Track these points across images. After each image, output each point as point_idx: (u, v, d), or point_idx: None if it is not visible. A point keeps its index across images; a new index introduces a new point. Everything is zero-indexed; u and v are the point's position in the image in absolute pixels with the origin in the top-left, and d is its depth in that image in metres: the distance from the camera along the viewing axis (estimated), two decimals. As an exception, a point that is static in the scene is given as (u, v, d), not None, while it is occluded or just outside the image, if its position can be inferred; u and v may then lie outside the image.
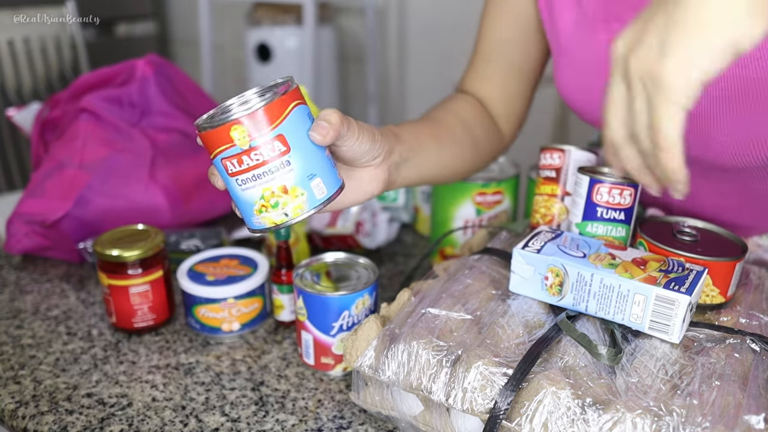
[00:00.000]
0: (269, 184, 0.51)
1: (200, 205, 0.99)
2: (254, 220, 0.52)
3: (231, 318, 0.73)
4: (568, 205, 0.70)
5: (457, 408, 0.51)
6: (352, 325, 0.66)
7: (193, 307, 0.73)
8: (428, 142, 0.68)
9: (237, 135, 0.49)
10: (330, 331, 0.66)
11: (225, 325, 0.73)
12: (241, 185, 0.51)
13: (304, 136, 0.51)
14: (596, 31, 0.69)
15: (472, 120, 0.76)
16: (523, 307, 0.59)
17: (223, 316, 0.73)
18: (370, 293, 0.67)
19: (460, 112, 0.75)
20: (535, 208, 0.72)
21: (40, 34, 1.84)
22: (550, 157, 0.72)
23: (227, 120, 0.49)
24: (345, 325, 0.66)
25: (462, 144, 0.73)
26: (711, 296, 0.60)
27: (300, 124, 0.51)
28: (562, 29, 0.72)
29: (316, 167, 0.52)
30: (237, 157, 0.50)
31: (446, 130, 0.71)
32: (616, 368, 0.51)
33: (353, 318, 0.66)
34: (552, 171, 0.71)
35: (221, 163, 0.51)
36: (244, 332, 0.75)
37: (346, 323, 0.65)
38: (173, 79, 1.02)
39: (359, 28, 2.58)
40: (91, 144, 0.91)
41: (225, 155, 0.50)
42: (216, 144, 0.50)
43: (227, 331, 0.74)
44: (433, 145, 0.68)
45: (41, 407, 0.63)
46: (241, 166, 0.50)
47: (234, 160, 0.50)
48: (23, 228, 0.89)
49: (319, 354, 0.67)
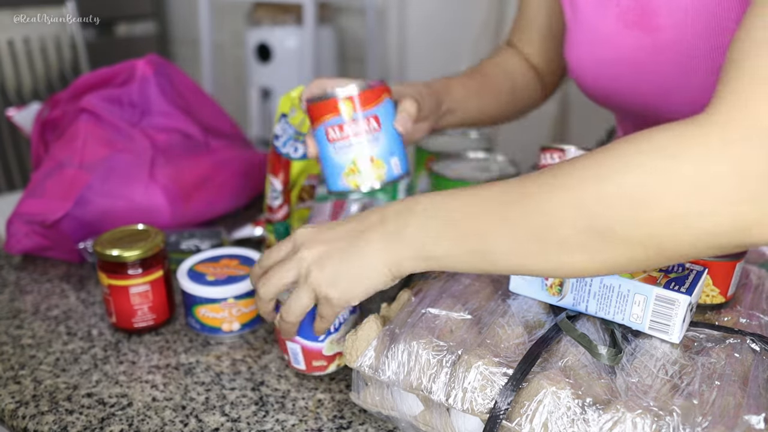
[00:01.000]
0: (361, 152, 0.65)
1: (200, 205, 0.99)
2: (340, 182, 0.66)
3: (231, 318, 0.73)
4: None
5: (457, 408, 0.51)
6: (339, 325, 0.64)
7: (193, 307, 0.73)
8: (473, 96, 0.81)
9: (344, 107, 0.63)
10: (318, 338, 0.64)
11: (225, 325, 0.73)
12: (337, 150, 0.65)
13: (390, 121, 0.66)
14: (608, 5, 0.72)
15: (514, 70, 0.88)
16: (523, 307, 0.59)
17: (224, 316, 0.73)
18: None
19: (504, 64, 0.88)
20: None
21: (40, 34, 1.84)
22: (550, 157, 0.72)
23: (338, 95, 0.63)
24: (332, 327, 0.64)
25: (501, 92, 0.85)
26: (711, 296, 0.60)
27: (389, 110, 0.66)
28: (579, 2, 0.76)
29: (396, 148, 0.67)
30: (339, 126, 0.64)
31: (491, 84, 0.84)
32: (616, 368, 0.51)
33: (339, 318, 0.64)
34: None
35: (324, 130, 0.65)
36: (245, 332, 0.75)
37: (333, 326, 0.64)
38: (173, 79, 1.02)
39: (359, 28, 2.58)
40: (91, 144, 0.91)
41: (330, 123, 0.64)
42: (324, 113, 0.64)
43: (227, 331, 0.74)
44: (476, 98, 0.82)
45: (41, 407, 0.63)
46: (342, 133, 0.64)
47: (336, 128, 0.64)
48: (23, 228, 0.89)
49: (309, 359, 0.65)
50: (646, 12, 0.68)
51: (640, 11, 0.68)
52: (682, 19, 0.65)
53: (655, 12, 0.67)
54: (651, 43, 0.68)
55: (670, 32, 0.66)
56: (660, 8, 0.66)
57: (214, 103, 1.10)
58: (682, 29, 0.65)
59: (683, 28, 0.65)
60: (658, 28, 0.67)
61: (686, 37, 0.65)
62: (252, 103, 2.43)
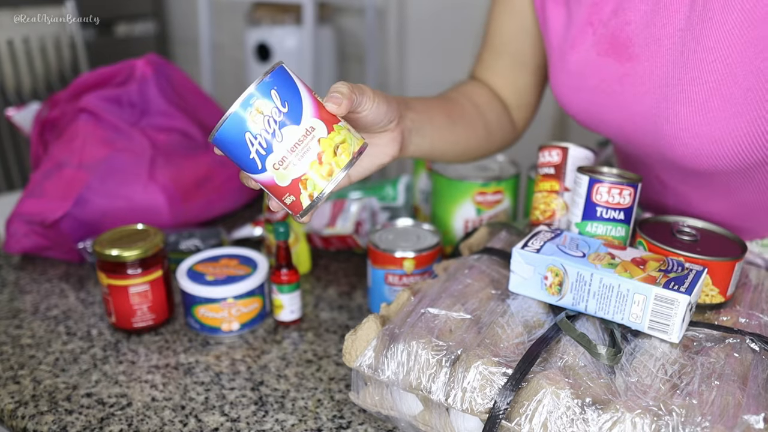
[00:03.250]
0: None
1: (200, 205, 0.99)
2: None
3: (230, 318, 0.73)
4: (567, 201, 0.70)
5: (456, 408, 0.51)
6: (268, 148, 0.49)
7: (192, 306, 0.73)
8: (439, 116, 0.70)
9: None
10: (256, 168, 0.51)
11: (224, 324, 0.73)
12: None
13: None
14: (584, 33, 0.70)
15: (485, 104, 0.78)
16: (523, 306, 0.59)
17: (223, 316, 0.73)
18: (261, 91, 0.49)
19: (473, 96, 0.77)
20: (535, 205, 0.72)
21: (40, 34, 1.84)
22: (548, 154, 0.72)
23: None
24: (261, 149, 0.50)
25: (474, 124, 0.75)
26: (710, 296, 0.60)
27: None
28: (553, 31, 0.74)
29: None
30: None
31: (458, 109, 0.74)
32: (615, 368, 0.51)
33: (262, 136, 0.49)
34: (551, 168, 0.71)
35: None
36: (244, 332, 0.75)
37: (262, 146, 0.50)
38: (173, 79, 1.02)
39: (359, 27, 2.58)
40: (91, 144, 0.91)
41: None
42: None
43: (227, 330, 0.74)
44: (444, 119, 0.70)
45: (41, 407, 0.63)
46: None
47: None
48: (23, 228, 0.88)
49: (281, 198, 0.53)
50: (619, 41, 0.66)
51: (612, 40, 0.67)
52: (655, 50, 0.64)
53: (630, 41, 0.66)
54: (626, 72, 0.67)
55: (645, 61, 0.65)
56: (634, 38, 0.66)
57: (214, 103, 1.10)
58: (657, 59, 0.64)
59: (657, 59, 0.64)
60: (633, 57, 0.66)
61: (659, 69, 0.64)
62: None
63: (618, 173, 0.67)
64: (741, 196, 0.69)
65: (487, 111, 0.77)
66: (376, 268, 0.75)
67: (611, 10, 0.67)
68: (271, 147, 0.50)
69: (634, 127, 0.68)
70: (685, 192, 0.74)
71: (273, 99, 0.49)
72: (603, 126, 0.72)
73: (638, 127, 0.68)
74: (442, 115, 0.71)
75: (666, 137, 0.65)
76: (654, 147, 0.68)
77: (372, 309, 0.79)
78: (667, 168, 0.71)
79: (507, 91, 0.81)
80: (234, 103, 0.49)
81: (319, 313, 0.80)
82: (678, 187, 0.74)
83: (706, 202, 0.73)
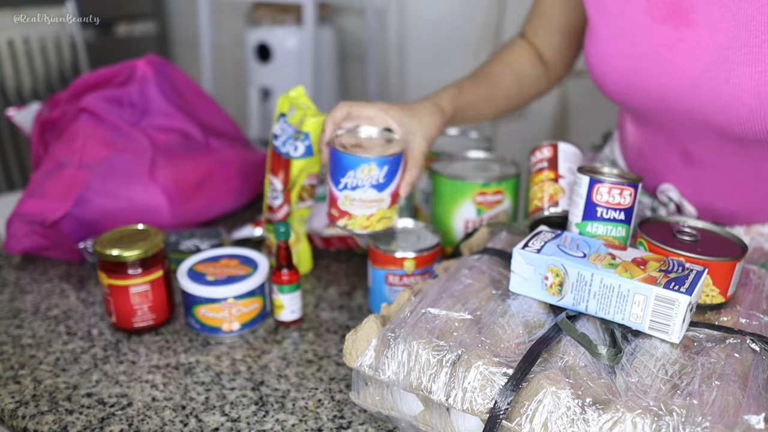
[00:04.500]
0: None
1: (200, 205, 0.99)
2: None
3: (231, 318, 0.73)
4: (563, 186, 0.72)
5: (457, 408, 0.51)
6: (356, 187, 0.72)
7: (193, 306, 0.73)
8: (481, 101, 0.85)
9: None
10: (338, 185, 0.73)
11: (225, 324, 0.73)
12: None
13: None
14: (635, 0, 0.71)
15: (522, 67, 0.91)
16: (523, 306, 0.59)
17: (223, 316, 0.73)
18: (378, 164, 0.71)
19: (513, 62, 0.90)
20: (532, 196, 0.74)
21: (40, 34, 1.84)
22: (540, 153, 0.77)
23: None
24: (350, 184, 0.72)
25: (509, 91, 0.89)
26: (711, 296, 0.60)
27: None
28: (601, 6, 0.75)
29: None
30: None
31: (499, 87, 0.88)
32: (616, 368, 0.51)
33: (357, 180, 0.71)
34: (544, 162, 0.74)
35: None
36: (244, 332, 0.75)
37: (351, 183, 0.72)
38: (173, 79, 1.02)
39: (359, 28, 2.58)
40: (91, 144, 0.91)
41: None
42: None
43: (227, 330, 0.74)
44: (484, 101, 0.86)
45: (41, 407, 0.63)
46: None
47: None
48: (23, 228, 0.88)
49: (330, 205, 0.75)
50: (680, 8, 0.67)
51: (672, 6, 0.67)
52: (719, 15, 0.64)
53: (691, 7, 0.66)
54: (681, 38, 0.67)
55: (706, 27, 0.65)
56: (696, 4, 0.65)
57: (214, 103, 1.10)
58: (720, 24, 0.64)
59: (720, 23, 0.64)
60: (692, 23, 0.66)
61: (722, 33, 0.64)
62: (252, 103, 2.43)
63: (618, 173, 0.67)
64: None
65: (524, 72, 0.91)
66: (376, 268, 0.75)
67: None
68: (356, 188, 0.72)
69: (680, 92, 0.69)
70: (712, 163, 0.74)
71: (380, 170, 0.71)
72: (643, 95, 0.73)
73: (685, 92, 0.68)
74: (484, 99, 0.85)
75: (721, 98, 0.65)
76: (699, 112, 0.68)
77: (372, 309, 0.79)
78: (702, 137, 0.71)
79: (550, 52, 0.93)
80: (370, 156, 0.71)
81: (319, 313, 0.80)
82: (705, 159, 0.74)
83: (733, 175, 0.73)
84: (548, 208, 0.73)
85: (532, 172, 0.76)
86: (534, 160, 0.76)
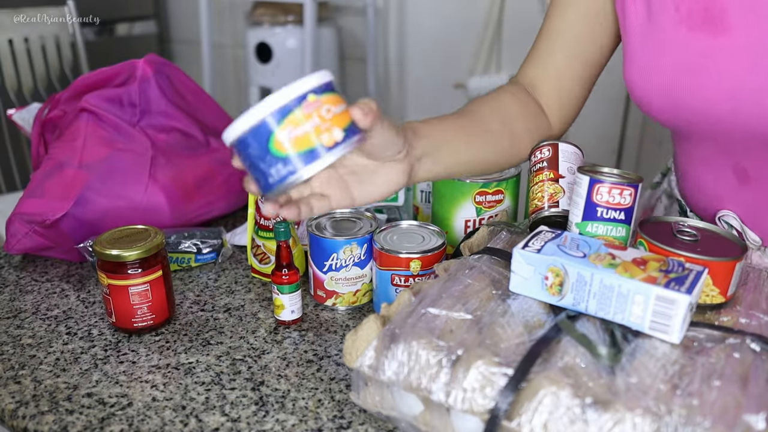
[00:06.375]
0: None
1: (200, 205, 0.99)
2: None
3: (326, 123, 0.52)
4: (563, 186, 0.72)
5: (457, 408, 0.51)
6: (341, 267, 0.76)
7: (270, 139, 0.52)
8: (454, 136, 0.68)
9: None
10: (322, 268, 0.77)
11: (324, 136, 0.52)
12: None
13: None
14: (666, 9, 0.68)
15: (514, 113, 0.76)
16: (523, 306, 0.59)
17: (314, 124, 0.52)
18: (359, 243, 0.76)
19: (501, 106, 0.76)
20: (533, 196, 0.74)
21: (40, 34, 1.84)
22: (540, 153, 0.75)
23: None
24: (334, 265, 0.77)
25: (496, 136, 0.73)
26: (711, 296, 0.60)
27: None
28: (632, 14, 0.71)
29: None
30: None
31: (476, 125, 0.72)
32: (616, 368, 0.51)
33: (341, 261, 0.76)
34: (544, 162, 0.74)
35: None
36: (350, 143, 0.53)
37: (335, 264, 0.77)
38: (173, 79, 1.02)
39: (359, 27, 2.58)
40: (91, 144, 0.91)
41: None
42: None
43: (331, 144, 0.52)
44: (460, 138, 0.69)
45: (41, 407, 0.63)
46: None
47: None
48: (23, 228, 0.88)
49: (315, 287, 0.80)
50: (713, 13, 0.64)
51: (705, 13, 0.64)
52: (753, 19, 0.62)
53: (725, 11, 0.63)
54: (719, 45, 0.64)
55: (742, 32, 0.63)
56: (729, 8, 0.63)
57: (214, 102, 1.10)
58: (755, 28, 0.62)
59: (756, 27, 0.62)
60: (728, 29, 0.63)
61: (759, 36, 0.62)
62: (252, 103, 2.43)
63: (618, 173, 0.67)
64: None
65: (515, 120, 0.75)
66: (381, 269, 0.75)
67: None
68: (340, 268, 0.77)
69: (724, 105, 0.66)
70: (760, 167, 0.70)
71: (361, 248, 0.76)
72: (688, 110, 0.69)
73: (730, 105, 0.65)
74: (458, 134, 0.69)
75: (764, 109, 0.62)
76: (744, 125, 0.65)
77: (377, 310, 0.79)
78: (753, 149, 0.68)
79: (553, 89, 0.80)
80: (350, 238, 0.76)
81: (319, 313, 0.80)
82: (762, 176, 0.71)
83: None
84: (548, 208, 0.73)
85: (532, 172, 0.76)
86: (534, 160, 0.76)
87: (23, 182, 1.93)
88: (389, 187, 0.63)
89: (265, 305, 0.82)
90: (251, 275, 0.89)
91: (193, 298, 0.83)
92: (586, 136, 2.14)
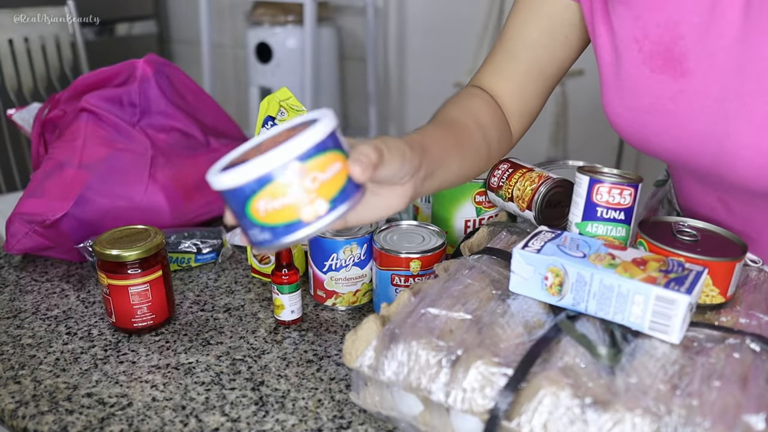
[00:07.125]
0: None
1: (200, 205, 0.99)
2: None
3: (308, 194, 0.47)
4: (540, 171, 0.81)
5: (456, 408, 0.51)
6: (340, 267, 0.77)
7: (246, 204, 0.47)
8: (452, 154, 0.66)
9: None
10: (322, 268, 0.78)
11: (305, 210, 0.47)
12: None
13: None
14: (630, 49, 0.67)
15: (489, 124, 0.74)
16: (523, 307, 0.59)
17: (296, 197, 0.47)
18: (359, 243, 0.76)
19: (479, 117, 0.73)
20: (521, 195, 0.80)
21: (40, 34, 1.84)
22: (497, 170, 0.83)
23: None
24: (334, 265, 0.77)
25: (479, 150, 0.72)
26: (711, 296, 0.60)
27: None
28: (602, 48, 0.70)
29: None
30: None
31: (468, 139, 0.70)
32: (615, 368, 0.51)
33: (341, 261, 0.77)
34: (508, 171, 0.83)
35: None
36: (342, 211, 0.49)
37: (335, 264, 0.77)
38: (173, 79, 1.02)
39: (359, 27, 2.58)
40: (91, 144, 0.91)
41: None
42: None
43: (310, 219, 0.47)
44: (456, 155, 0.67)
45: (41, 407, 0.63)
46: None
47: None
48: (23, 228, 0.88)
49: (315, 287, 0.80)
50: (673, 57, 0.63)
51: (666, 56, 0.64)
52: (710, 64, 0.61)
53: (684, 56, 0.62)
54: (681, 88, 0.64)
55: (701, 77, 0.62)
56: (688, 53, 0.62)
57: (214, 102, 1.10)
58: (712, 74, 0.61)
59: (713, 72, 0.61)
60: (687, 72, 0.63)
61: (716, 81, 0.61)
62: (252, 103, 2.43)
63: (618, 173, 0.67)
64: None
65: (491, 130, 0.74)
66: (381, 269, 0.75)
67: (661, 24, 0.64)
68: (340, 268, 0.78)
69: (691, 148, 0.65)
70: (754, 217, 0.70)
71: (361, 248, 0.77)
72: (658, 148, 0.69)
73: (696, 148, 0.65)
74: (455, 151, 0.67)
75: (727, 155, 0.62)
76: (714, 168, 0.65)
77: (377, 310, 0.79)
78: (731, 190, 0.68)
79: (513, 98, 0.78)
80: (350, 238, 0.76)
81: (319, 313, 0.80)
82: (746, 212, 0.70)
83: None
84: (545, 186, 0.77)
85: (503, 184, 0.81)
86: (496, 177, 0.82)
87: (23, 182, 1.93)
88: (384, 212, 0.58)
89: (265, 305, 0.82)
90: (251, 275, 0.89)
91: (193, 298, 0.83)
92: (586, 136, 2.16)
